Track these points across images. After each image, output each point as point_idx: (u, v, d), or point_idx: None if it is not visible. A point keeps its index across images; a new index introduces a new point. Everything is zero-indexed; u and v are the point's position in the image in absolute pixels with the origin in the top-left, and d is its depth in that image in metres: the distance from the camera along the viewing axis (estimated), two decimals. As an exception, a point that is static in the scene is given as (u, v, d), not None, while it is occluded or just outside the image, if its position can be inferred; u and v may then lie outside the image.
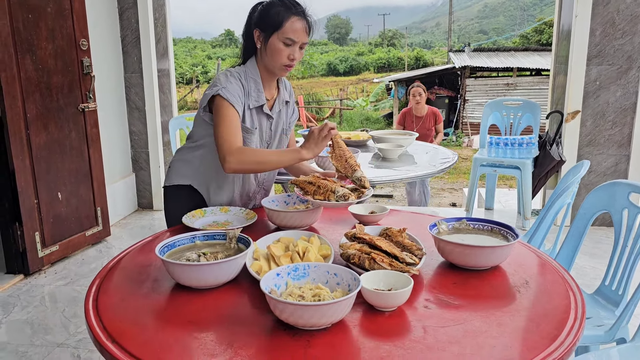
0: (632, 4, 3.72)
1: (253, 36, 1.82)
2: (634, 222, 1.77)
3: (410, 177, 2.46)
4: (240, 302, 1.25)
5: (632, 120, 3.89)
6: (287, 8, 1.75)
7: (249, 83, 1.84)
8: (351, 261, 1.34)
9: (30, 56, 3.21)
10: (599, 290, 1.91)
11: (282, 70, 1.82)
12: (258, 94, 1.84)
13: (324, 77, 42.14)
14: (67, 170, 3.54)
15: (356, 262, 1.32)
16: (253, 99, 1.83)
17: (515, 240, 1.40)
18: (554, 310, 1.19)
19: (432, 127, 5.26)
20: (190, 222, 1.71)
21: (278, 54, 1.76)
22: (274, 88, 1.94)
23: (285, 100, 1.97)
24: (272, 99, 1.93)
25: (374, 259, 1.30)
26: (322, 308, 1.05)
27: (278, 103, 1.93)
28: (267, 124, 1.92)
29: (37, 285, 3.22)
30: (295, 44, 1.76)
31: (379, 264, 1.29)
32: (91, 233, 3.79)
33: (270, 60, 1.80)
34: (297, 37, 1.75)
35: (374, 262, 1.30)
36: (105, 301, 1.26)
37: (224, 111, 1.75)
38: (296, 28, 1.75)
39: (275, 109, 1.93)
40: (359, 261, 1.32)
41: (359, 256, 1.33)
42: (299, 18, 1.75)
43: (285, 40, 1.75)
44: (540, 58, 16.62)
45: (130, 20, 4.40)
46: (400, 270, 1.27)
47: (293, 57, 1.77)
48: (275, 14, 1.75)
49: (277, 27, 1.74)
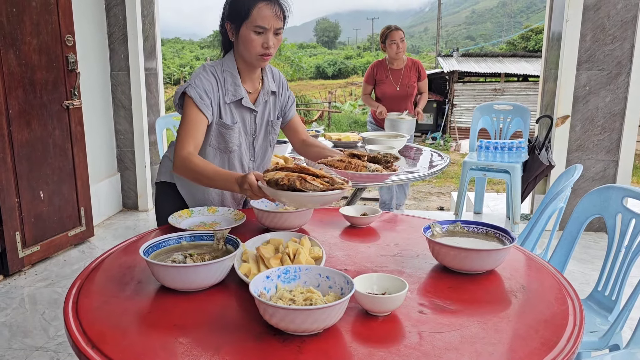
0: (622, 10, 3.73)
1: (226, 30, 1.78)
2: (628, 227, 1.75)
3: (401, 180, 2.42)
4: (228, 305, 1.20)
5: (621, 126, 3.90)
6: None
7: (225, 77, 1.77)
8: (280, 183, 1.32)
9: (13, 51, 3.12)
10: (591, 295, 1.89)
11: (259, 61, 1.74)
12: (235, 88, 1.78)
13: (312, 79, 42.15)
14: (50, 169, 3.46)
15: (286, 183, 1.31)
16: (230, 93, 1.77)
17: (511, 244, 1.37)
18: (552, 316, 1.16)
19: (413, 84, 4.17)
20: (176, 223, 1.66)
21: (251, 44, 1.69)
22: (256, 80, 1.86)
23: (270, 91, 1.89)
24: (256, 91, 1.86)
25: (304, 179, 1.31)
26: (314, 313, 1.00)
27: (263, 95, 1.86)
28: (250, 117, 1.85)
29: (16, 287, 3.12)
30: (267, 31, 1.68)
31: (310, 182, 1.30)
32: (74, 233, 3.70)
33: (245, 52, 1.73)
34: (267, 24, 1.67)
35: (305, 181, 1.30)
36: (85, 304, 1.20)
37: (187, 111, 1.71)
38: (265, 14, 1.66)
39: (259, 101, 1.85)
40: (289, 182, 1.30)
41: (288, 178, 1.31)
42: (267, 3, 1.67)
43: (255, 29, 1.67)
44: (527, 64, 16.78)
45: (118, 17, 4.32)
46: (332, 188, 1.32)
47: (267, 45, 1.69)
48: (241, 3, 1.68)
49: (245, 16, 1.68)
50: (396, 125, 3.61)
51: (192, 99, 1.70)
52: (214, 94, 1.75)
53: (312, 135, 3.18)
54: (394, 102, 4.11)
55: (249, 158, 1.90)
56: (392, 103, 4.11)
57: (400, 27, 4.16)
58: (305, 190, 1.30)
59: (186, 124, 1.70)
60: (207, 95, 1.72)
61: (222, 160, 1.85)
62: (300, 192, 1.32)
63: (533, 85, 15.64)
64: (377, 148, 2.73)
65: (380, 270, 1.38)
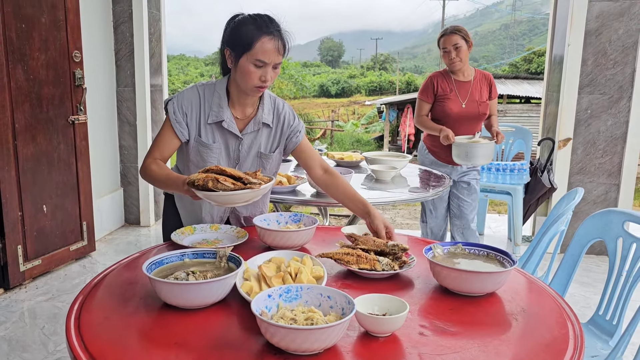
0: (623, 35, 3.78)
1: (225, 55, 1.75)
2: (629, 251, 1.76)
3: (403, 200, 2.43)
4: (229, 323, 1.20)
5: (622, 150, 3.92)
6: (258, 27, 1.65)
7: (213, 98, 1.78)
8: (195, 184, 1.45)
9: (21, 66, 3.17)
10: (592, 319, 1.88)
11: (254, 92, 1.72)
12: (219, 110, 1.76)
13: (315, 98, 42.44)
14: (54, 183, 3.48)
15: (200, 184, 1.44)
16: (214, 113, 1.77)
17: (512, 266, 1.37)
18: (553, 340, 1.16)
19: (485, 101, 3.18)
20: (179, 240, 1.67)
21: (248, 76, 1.67)
22: (249, 107, 1.82)
23: (263, 122, 1.82)
24: (246, 118, 1.82)
25: (217, 180, 1.44)
26: (315, 332, 1.01)
27: (253, 124, 1.81)
28: (235, 143, 1.81)
29: (17, 301, 3.12)
30: (267, 65, 1.66)
31: (222, 183, 1.44)
32: (75, 248, 3.70)
33: (241, 81, 1.71)
34: (268, 59, 1.65)
35: (217, 182, 1.44)
36: (87, 319, 1.20)
37: (164, 123, 1.80)
38: (267, 49, 1.64)
39: (248, 129, 1.81)
40: (203, 183, 1.44)
41: (203, 179, 1.45)
42: (271, 38, 1.64)
43: (255, 62, 1.65)
44: (530, 86, 16.87)
45: (125, 34, 4.39)
46: (242, 187, 1.45)
47: (265, 79, 1.67)
48: (245, 33, 1.65)
49: (246, 48, 1.64)
50: (471, 152, 2.93)
51: (168, 114, 1.78)
52: (194, 112, 1.77)
53: (315, 154, 3.20)
54: (461, 125, 3.13)
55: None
56: (458, 126, 3.12)
57: (461, 28, 3.12)
58: (217, 190, 1.45)
59: (158, 136, 1.80)
60: (183, 113, 1.77)
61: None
62: (213, 192, 1.46)
63: (535, 107, 15.71)
64: (379, 168, 2.75)
65: (381, 290, 1.39)
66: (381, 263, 1.48)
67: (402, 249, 1.54)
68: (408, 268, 1.50)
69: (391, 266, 1.48)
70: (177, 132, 1.77)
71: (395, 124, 20.23)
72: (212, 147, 1.79)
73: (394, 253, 1.54)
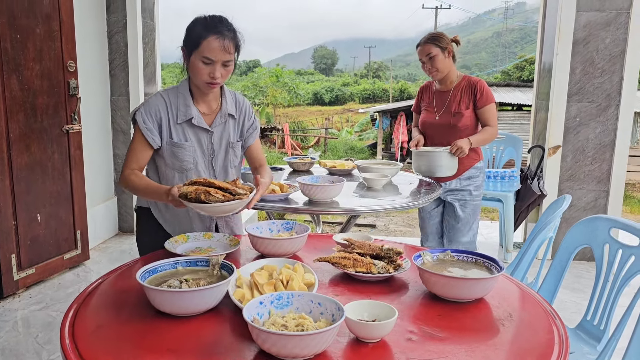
0: (610, 45, 3.84)
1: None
2: (615, 257, 1.79)
3: (394, 207, 2.46)
4: (222, 330, 1.22)
5: (611, 157, 3.98)
6: (206, 27, 1.76)
7: (177, 99, 1.87)
8: (188, 197, 1.55)
9: (16, 76, 3.19)
10: (580, 325, 1.91)
11: (205, 88, 1.83)
12: (186, 109, 1.86)
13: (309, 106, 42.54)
14: (48, 192, 3.48)
15: (193, 197, 1.54)
16: (181, 113, 1.86)
17: (499, 273, 1.40)
18: (538, 344, 1.19)
19: (463, 111, 2.88)
20: (172, 248, 1.69)
21: (198, 72, 1.79)
22: (212, 102, 1.93)
23: (228, 114, 1.95)
24: (213, 112, 1.93)
25: (208, 192, 1.54)
26: (305, 338, 1.03)
27: (220, 117, 1.93)
28: (206, 137, 1.92)
29: (10, 310, 3.12)
30: (215, 63, 1.77)
31: (213, 195, 1.54)
32: (69, 256, 3.70)
33: (193, 78, 1.84)
34: (214, 56, 1.76)
35: (208, 194, 1.54)
36: (81, 328, 1.22)
37: (134, 135, 1.87)
38: (213, 47, 1.74)
39: (217, 122, 1.92)
40: (195, 195, 1.54)
41: (195, 192, 1.55)
42: (218, 37, 1.75)
43: (203, 59, 1.76)
44: (521, 94, 17.02)
45: (119, 44, 4.41)
46: (232, 199, 1.56)
47: (214, 76, 1.78)
48: (194, 33, 1.77)
49: (195, 46, 1.77)
50: (426, 161, 2.85)
51: (137, 124, 1.83)
52: (162, 117, 1.85)
53: (308, 162, 3.23)
54: (436, 136, 3.01)
55: (210, 177, 1.95)
56: (434, 137, 3.03)
57: (436, 36, 2.89)
58: (209, 201, 1.55)
59: (132, 147, 1.86)
60: (152, 120, 1.84)
61: (181, 180, 1.91)
62: (206, 204, 1.55)
63: (527, 114, 15.84)
64: (371, 176, 2.78)
65: (373, 295, 1.41)
66: (377, 266, 1.53)
67: (396, 253, 1.59)
68: (402, 271, 1.54)
69: (386, 269, 1.53)
70: (149, 140, 1.84)
71: (388, 131, 20.32)
72: (185, 146, 1.87)
73: (389, 256, 1.59)
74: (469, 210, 2.99)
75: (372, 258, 1.60)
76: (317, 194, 2.31)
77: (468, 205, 2.99)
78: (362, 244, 1.65)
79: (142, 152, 1.85)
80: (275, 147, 22.05)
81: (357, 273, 1.51)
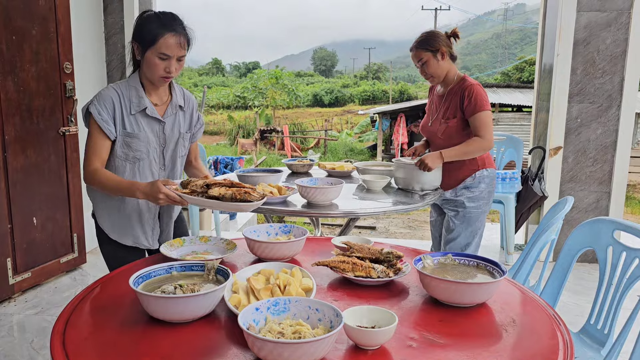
0: (611, 45, 3.82)
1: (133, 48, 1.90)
2: (619, 259, 1.76)
3: (394, 210, 2.43)
4: (217, 337, 1.19)
5: (613, 158, 3.95)
6: (162, 25, 1.81)
7: (129, 91, 1.90)
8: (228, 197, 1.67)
9: (12, 78, 3.16)
10: (584, 329, 1.88)
11: (160, 82, 1.89)
12: (139, 100, 1.90)
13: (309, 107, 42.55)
14: (44, 195, 3.45)
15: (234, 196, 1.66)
16: (134, 104, 1.89)
17: (502, 277, 1.37)
18: (542, 350, 1.16)
19: (451, 117, 2.64)
20: (168, 252, 1.66)
21: (154, 67, 1.84)
22: (163, 94, 1.98)
23: (178, 105, 2.00)
24: (164, 104, 1.98)
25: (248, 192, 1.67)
26: (302, 346, 1.00)
27: (171, 108, 1.98)
28: (158, 127, 1.95)
29: (5, 314, 3.08)
30: (171, 58, 1.83)
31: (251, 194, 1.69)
32: (66, 260, 3.67)
33: (147, 72, 1.87)
34: (171, 52, 1.81)
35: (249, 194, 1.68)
36: (73, 335, 1.19)
37: (90, 129, 1.86)
38: (170, 44, 1.80)
39: (168, 113, 1.97)
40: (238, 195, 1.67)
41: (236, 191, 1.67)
42: (174, 34, 1.81)
43: (159, 55, 1.81)
44: (521, 95, 17.00)
45: (117, 46, 4.38)
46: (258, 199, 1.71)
47: (169, 70, 1.84)
48: (150, 29, 1.81)
49: (151, 43, 1.81)
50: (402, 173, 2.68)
51: (93, 117, 1.83)
52: (116, 108, 1.87)
53: (306, 164, 3.20)
54: (432, 143, 2.84)
55: (159, 167, 2.00)
56: (432, 144, 2.85)
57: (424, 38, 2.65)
58: (251, 200, 1.69)
59: (91, 141, 1.86)
60: (107, 111, 1.85)
61: (132, 171, 1.93)
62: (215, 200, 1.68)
63: (527, 115, 15.83)
64: (370, 178, 2.74)
65: (372, 300, 1.38)
66: (376, 270, 1.49)
67: (396, 256, 1.55)
68: (402, 275, 1.50)
69: (386, 273, 1.49)
70: (106, 132, 1.85)
71: (388, 132, 20.30)
72: (139, 136, 1.90)
73: (389, 260, 1.56)
74: (460, 222, 2.71)
75: (372, 262, 1.56)
76: (316, 196, 2.28)
77: (460, 216, 2.71)
78: (362, 248, 1.62)
79: (102, 145, 1.86)
80: (274, 149, 22.02)
81: (357, 277, 1.48)
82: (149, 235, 2.04)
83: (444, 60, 2.63)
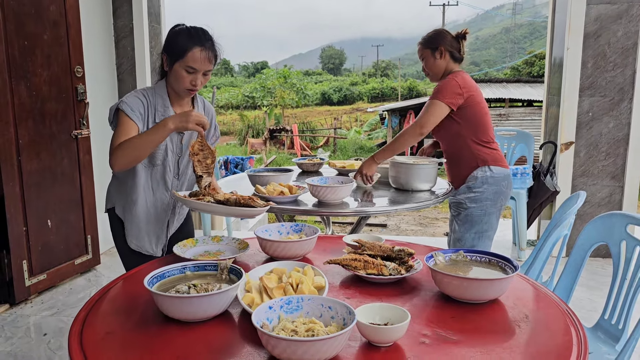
0: (622, 38, 3.78)
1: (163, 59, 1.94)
2: (633, 254, 1.75)
3: (405, 208, 2.43)
4: (231, 336, 1.20)
5: (625, 152, 3.91)
6: (191, 38, 1.84)
7: (155, 99, 1.94)
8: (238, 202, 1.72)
9: (24, 82, 3.20)
10: (598, 324, 1.87)
11: (185, 94, 1.93)
12: (165, 109, 1.94)
13: (318, 106, 42.53)
14: (58, 197, 3.49)
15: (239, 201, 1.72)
16: (160, 113, 1.92)
17: (514, 272, 1.37)
18: (556, 346, 1.15)
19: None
20: (181, 252, 1.67)
21: (181, 80, 1.87)
22: (186, 105, 2.02)
23: None
24: None
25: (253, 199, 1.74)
26: (316, 344, 1.01)
27: None
28: (177, 137, 1.99)
29: (22, 316, 3.13)
30: (197, 72, 1.86)
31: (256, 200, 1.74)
32: (80, 261, 3.71)
33: (174, 84, 1.91)
34: (198, 67, 1.85)
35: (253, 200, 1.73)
36: (90, 335, 1.21)
37: (120, 121, 1.87)
38: (197, 58, 1.83)
39: None
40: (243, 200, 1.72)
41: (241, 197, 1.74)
42: (202, 48, 1.84)
43: (187, 68, 1.85)
44: (532, 89, 16.89)
45: (127, 49, 4.42)
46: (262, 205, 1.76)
47: (195, 84, 1.88)
48: (179, 42, 1.85)
49: (180, 55, 1.84)
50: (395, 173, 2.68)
51: (123, 111, 1.86)
52: (142, 112, 1.90)
53: (317, 163, 3.21)
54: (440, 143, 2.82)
55: (173, 175, 2.03)
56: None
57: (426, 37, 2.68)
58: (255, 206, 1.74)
59: (120, 131, 1.85)
60: (137, 111, 1.88)
61: (147, 175, 1.98)
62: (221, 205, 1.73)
63: (537, 110, 15.71)
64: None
65: (384, 298, 1.38)
66: (388, 268, 1.50)
67: (408, 254, 1.56)
68: (414, 272, 1.50)
69: (398, 271, 1.50)
70: (137, 123, 1.87)
71: (397, 130, 20.26)
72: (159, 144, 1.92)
73: (400, 257, 1.56)
74: (462, 222, 2.62)
75: (383, 259, 1.57)
76: (327, 195, 2.29)
77: (462, 217, 2.61)
78: (373, 245, 1.63)
79: (131, 128, 1.87)
80: (284, 148, 22.06)
81: (368, 275, 1.48)
82: (154, 242, 2.07)
83: (442, 59, 2.60)
